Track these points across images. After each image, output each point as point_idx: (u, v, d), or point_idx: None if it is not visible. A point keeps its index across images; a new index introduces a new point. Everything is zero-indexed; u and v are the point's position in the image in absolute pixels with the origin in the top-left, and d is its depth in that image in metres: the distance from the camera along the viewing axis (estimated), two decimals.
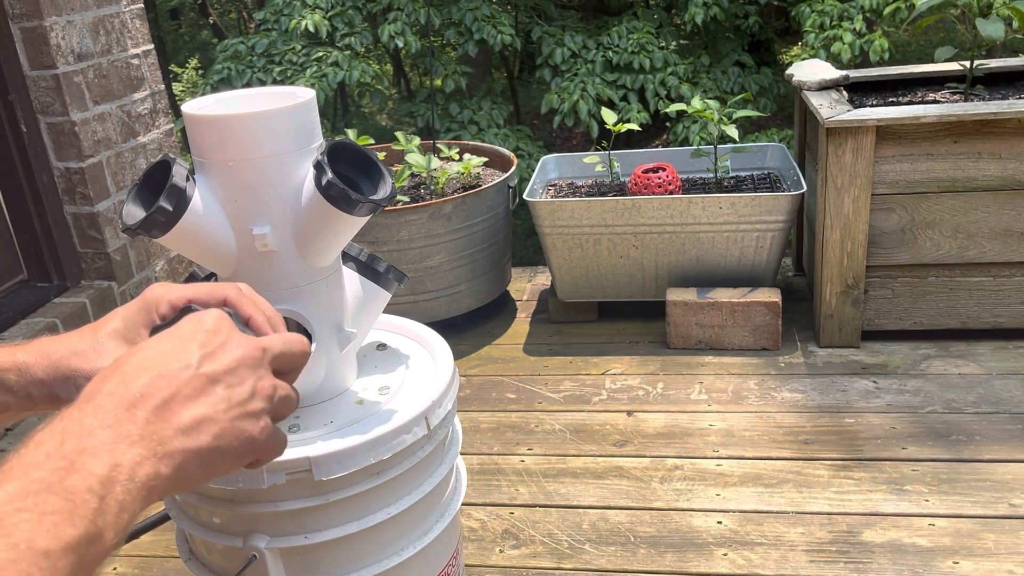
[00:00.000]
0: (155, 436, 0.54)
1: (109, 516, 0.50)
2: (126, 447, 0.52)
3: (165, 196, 0.89)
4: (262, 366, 0.62)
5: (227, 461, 0.59)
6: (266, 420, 0.61)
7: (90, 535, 0.48)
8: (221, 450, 0.58)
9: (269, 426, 0.61)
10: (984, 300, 2.53)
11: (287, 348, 0.65)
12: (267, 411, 0.61)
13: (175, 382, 0.57)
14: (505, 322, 3.03)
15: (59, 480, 0.49)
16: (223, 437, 0.57)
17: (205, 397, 0.57)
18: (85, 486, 0.49)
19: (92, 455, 0.51)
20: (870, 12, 4.95)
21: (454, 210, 2.72)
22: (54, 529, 0.47)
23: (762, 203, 2.58)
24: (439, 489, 1.08)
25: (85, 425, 0.52)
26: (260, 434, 0.60)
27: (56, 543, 0.46)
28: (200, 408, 0.57)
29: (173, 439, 0.55)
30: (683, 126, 5.18)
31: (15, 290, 2.88)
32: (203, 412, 0.57)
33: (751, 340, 2.65)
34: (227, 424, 0.58)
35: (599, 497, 2.07)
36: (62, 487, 0.49)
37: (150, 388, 0.56)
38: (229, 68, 5.53)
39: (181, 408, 0.56)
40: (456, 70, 5.63)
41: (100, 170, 2.92)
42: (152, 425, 0.54)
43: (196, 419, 0.56)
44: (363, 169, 0.98)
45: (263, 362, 0.62)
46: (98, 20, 2.92)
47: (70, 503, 0.48)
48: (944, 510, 1.91)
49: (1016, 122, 2.32)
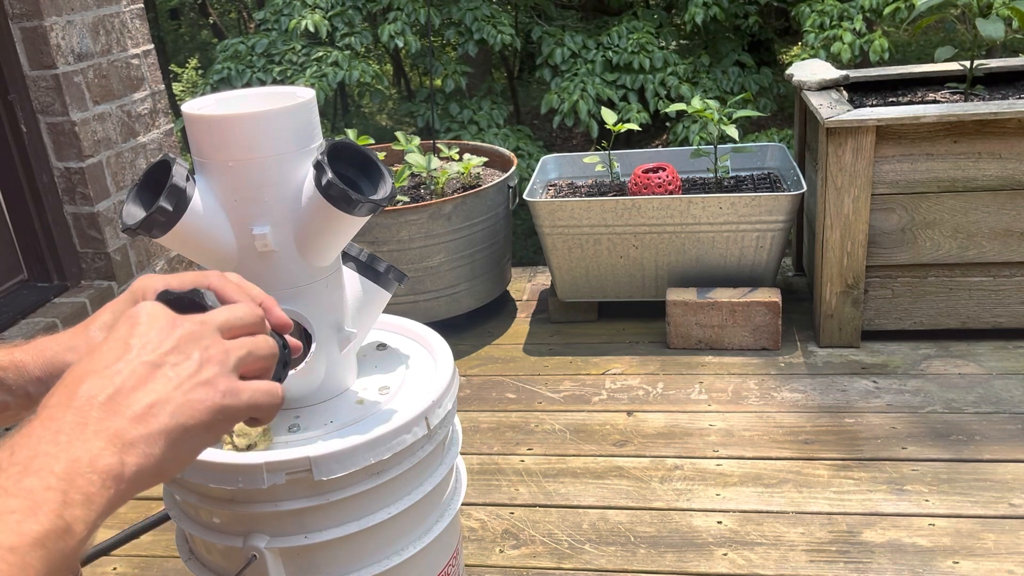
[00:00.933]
0: (110, 429, 0.54)
1: (76, 509, 0.50)
2: (80, 443, 0.53)
3: (165, 196, 0.89)
4: (205, 336, 0.61)
5: (198, 435, 0.58)
6: (228, 383, 0.60)
7: (57, 528, 0.49)
8: (185, 426, 0.57)
9: (235, 386, 0.60)
10: (984, 300, 2.52)
11: (232, 315, 0.64)
12: (224, 374, 0.60)
13: (117, 376, 0.57)
14: (505, 322, 3.03)
15: (15, 483, 0.50)
16: (180, 413, 0.57)
17: (151, 383, 0.57)
18: (43, 484, 0.50)
19: (48, 457, 0.51)
20: (870, 12, 4.95)
21: (454, 210, 2.72)
22: (16, 526, 0.48)
23: (762, 203, 2.58)
24: (439, 489, 1.08)
25: (35, 435, 0.53)
26: (223, 398, 0.59)
27: (20, 539, 0.47)
28: (149, 394, 0.57)
29: (129, 429, 0.55)
30: (683, 126, 5.18)
31: (15, 290, 2.88)
32: (153, 397, 0.57)
33: (751, 340, 2.65)
34: (181, 400, 0.57)
35: (599, 497, 2.07)
36: (19, 488, 0.49)
37: (92, 390, 0.56)
38: (229, 68, 5.53)
39: (128, 399, 0.56)
40: (456, 70, 5.63)
41: (100, 170, 2.92)
42: (104, 421, 0.54)
43: (147, 405, 0.56)
44: (363, 169, 0.98)
45: (205, 333, 0.61)
46: (98, 20, 2.92)
47: (30, 501, 0.49)
48: (944, 510, 1.91)
49: (1016, 122, 2.32)
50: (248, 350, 0.63)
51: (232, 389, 0.60)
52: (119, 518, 2.16)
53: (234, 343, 0.62)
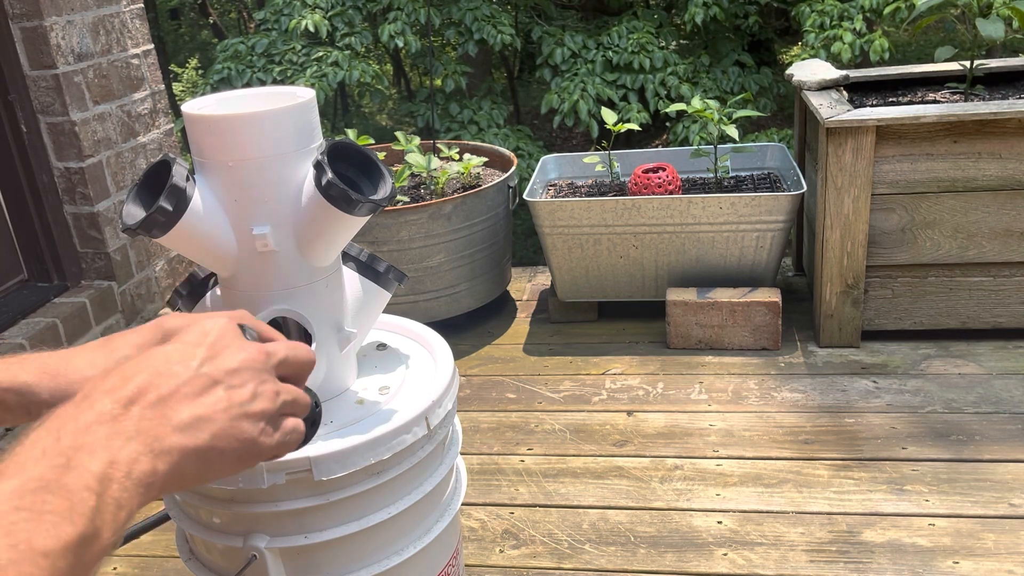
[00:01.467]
0: (151, 432, 0.54)
1: (107, 515, 0.49)
2: (122, 443, 0.52)
3: (165, 196, 0.89)
4: (265, 370, 0.62)
5: (227, 462, 0.58)
6: (269, 422, 0.61)
7: (88, 534, 0.48)
8: (220, 451, 0.57)
9: (271, 431, 0.61)
10: (984, 300, 2.52)
11: (292, 354, 0.65)
12: (270, 414, 0.61)
13: (174, 380, 0.57)
14: (505, 322, 3.03)
15: (57, 478, 0.48)
16: (221, 437, 0.57)
17: (204, 397, 0.57)
18: (82, 484, 0.49)
19: (88, 452, 0.50)
20: (870, 12, 4.95)
21: (454, 210, 2.72)
22: (53, 529, 0.46)
23: (762, 203, 2.58)
24: (439, 489, 1.08)
25: (81, 420, 0.52)
26: (261, 436, 0.60)
27: (55, 543, 0.46)
28: (199, 407, 0.56)
29: (170, 436, 0.54)
30: (683, 126, 5.18)
31: (15, 290, 2.88)
32: (202, 411, 0.56)
33: (751, 340, 2.65)
34: (226, 424, 0.57)
35: (599, 497, 2.07)
36: (59, 485, 0.48)
37: (148, 384, 0.55)
38: (229, 68, 5.53)
39: (179, 406, 0.56)
40: (456, 70, 5.63)
41: (100, 170, 2.92)
42: (148, 421, 0.54)
43: (194, 417, 0.56)
44: (363, 169, 0.98)
45: (267, 365, 0.62)
46: (98, 20, 2.92)
47: (68, 501, 0.48)
48: (944, 510, 1.91)
49: (1016, 122, 2.32)
50: (294, 397, 0.64)
51: (270, 429, 0.61)
52: None
53: (286, 388, 0.63)
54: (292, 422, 0.63)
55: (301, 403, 0.65)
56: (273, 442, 0.61)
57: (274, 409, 0.61)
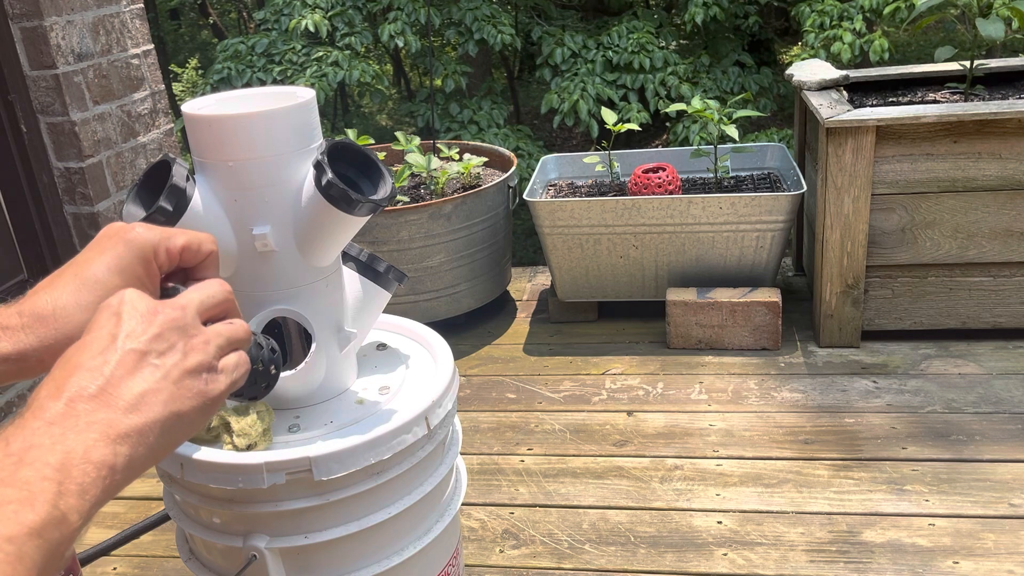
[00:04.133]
0: (102, 420, 0.55)
1: (71, 499, 0.51)
2: (74, 436, 0.53)
3: (165, 196, 0.89)
4: (187, 323, 0.62)
5: (189, 421, 0.60)
6: (211, 370, 0.62)
7: (53, 518, 0.49)
8: (177, 414, 0.58)
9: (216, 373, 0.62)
10: (984, 300, 2.52)
11: (206, 295, 0.65)
12: (208, 361, 0.62)
13: (107, 367, 0.57)
14: (505, 322, 3.03)
15: (11, 474, 0.50)
16: (173, 402, 0.58)
17: (140, 371, 0.58)
18: (39, 475, 0.50)
19: (42, 448, 0.52)
20: (870, 12, 4.95)
21: (454, 210, 2.72)
22: (14, 516, 0.48)
23: (762, 203, 2.58)
24: (439, 489, 1.08)
25: (28, 427, 0.53)
26: (208, 386, 0.61)
27: (17, 529, 0.48)
28: (139, 384, 0.57)
29: (122, 419, 0.55)
30: (683, 126, 5.18)
31: (15, 290, 2.88)
32: (143, 387, 0.57)
33: (751, 340, 2.65)
34: (172, 389, 0.59)
35: (599, 497, 2.07)
36: (15, 479, 0.50)
37: (83, 381, 0.56)
38: (229, 68, 5.53)
39: (119, 389, 0.57)
40: (456, 70, 5.63)
41: (100, 170, 2.92)
42: (96, 413, 0.55)
43: (138, 395, 0.57)
44: (363, 169, 0.98)
45: (186, 319, 0.62)
46: (98, 20, 2.92)
47: (26, 491, 0.49)
48: (944, 510, 1.91)
49: (1016, 122, 2.32)
50: (226, 338, 0.64)
51: (214, 376, 0.62)
52: (119, 518, 2.16)
53: (213, 330, 0.64)
54: (234, 358, 0.64)
55: (235, 338, 0.65)
56: (223, 385, 0.62)
57: (210, 357, 0.62)
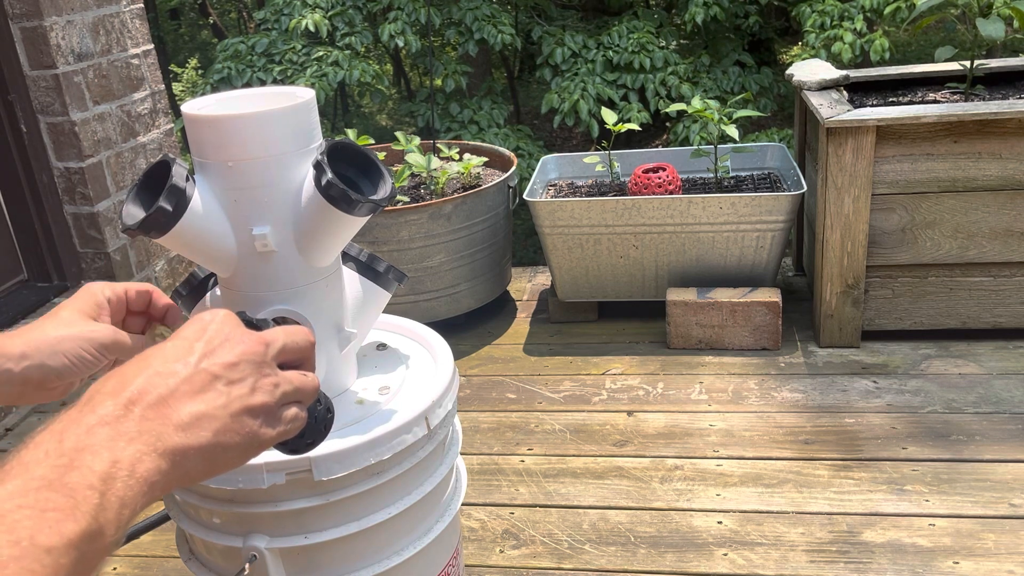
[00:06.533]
0: (154, 432, 0.54)
1: (110, 512, 0.50)
2: (125, 443, 0.52)
3: (165, 196, 0.89)
4: (265, 361, 0.62)
5: (230, 457, 0.59)
6: (270, 414, 0.61)
7: (91, 531, 0.48)
8: (223, 446, 0.58)
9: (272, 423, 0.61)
10: (984, 300, 2.52)
11: (290, 340, 0.65)
12: (269, 407, 0.61)
13: (173, 378, 0.57)
14: (505, 322, 3.03)
15: (59, 477, 0.49)
16: (223, 434, 0.57)
17: (204, 393, 0.57)
18: (86, 483, 0.49)
19: (91, 452, 0.51)
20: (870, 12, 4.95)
21: (454, 210, 2.72)
22: (56, 525, 0.47)
23: (762, 203, 2.58)
24: (439, 489, 1.08)
25: (83, 423, 0.53)
26: (261, 429, 0.60)
27: (58, 539, 0.46)
28: (199, 404, 0.57)
29: (172, 435, 0.55)
30: (683, 126, 5.18)
31: (15, 290, 2.88)
32: (202, 409, 0.57)
33: (751, 340, 2.65)
34: (227, 421, 0.58)
35: (599, 497, 2.07)
36: (62, 484, 0.49)
37: (147, 385, 0.56)
38: (229, 68, 5.53)
39: (179, 404, 0.56)
40: (456, 70, 5.63)
41: (100, 170, 2.92)
42: (150, 422, 0.54)
43: (195, 415, 0.56)
44: (363, 169, 0.98)
45: (266, 356, 0.62)
46: (98, 20, 2.92)
47: (71, 499, 0.48)
48: (944, 510, 1.91)
49: (1016, 122, 2.32)
50: (295, 387, 0.64)
51: (271, 421, 0.61)
52: None
53: (285, 377, 0.63)
54: (293, 411, 0.64)
55: (303, 390, 0.64)
56: (274, 433, 0.62)
57: (273, 401, 0.61)
